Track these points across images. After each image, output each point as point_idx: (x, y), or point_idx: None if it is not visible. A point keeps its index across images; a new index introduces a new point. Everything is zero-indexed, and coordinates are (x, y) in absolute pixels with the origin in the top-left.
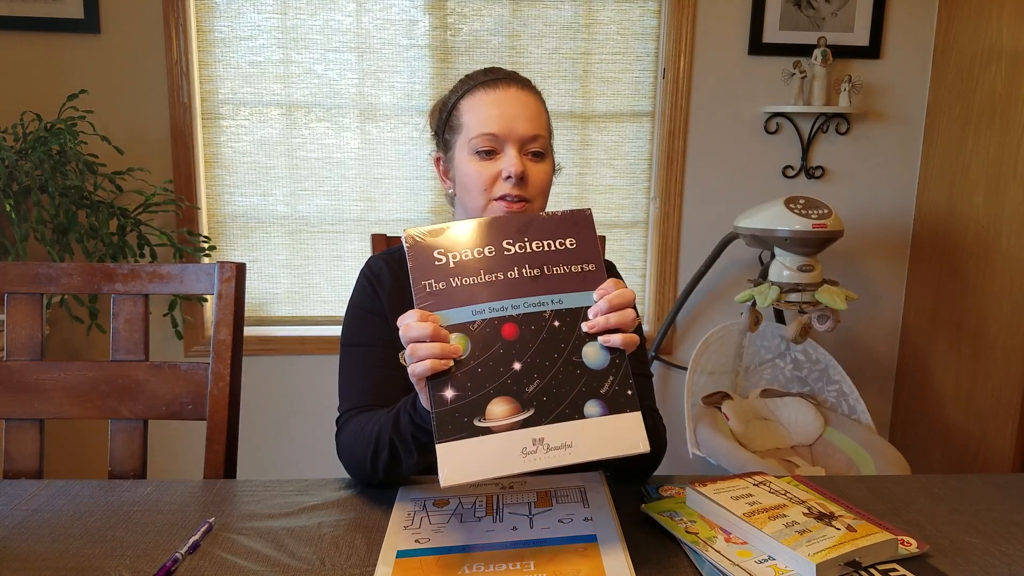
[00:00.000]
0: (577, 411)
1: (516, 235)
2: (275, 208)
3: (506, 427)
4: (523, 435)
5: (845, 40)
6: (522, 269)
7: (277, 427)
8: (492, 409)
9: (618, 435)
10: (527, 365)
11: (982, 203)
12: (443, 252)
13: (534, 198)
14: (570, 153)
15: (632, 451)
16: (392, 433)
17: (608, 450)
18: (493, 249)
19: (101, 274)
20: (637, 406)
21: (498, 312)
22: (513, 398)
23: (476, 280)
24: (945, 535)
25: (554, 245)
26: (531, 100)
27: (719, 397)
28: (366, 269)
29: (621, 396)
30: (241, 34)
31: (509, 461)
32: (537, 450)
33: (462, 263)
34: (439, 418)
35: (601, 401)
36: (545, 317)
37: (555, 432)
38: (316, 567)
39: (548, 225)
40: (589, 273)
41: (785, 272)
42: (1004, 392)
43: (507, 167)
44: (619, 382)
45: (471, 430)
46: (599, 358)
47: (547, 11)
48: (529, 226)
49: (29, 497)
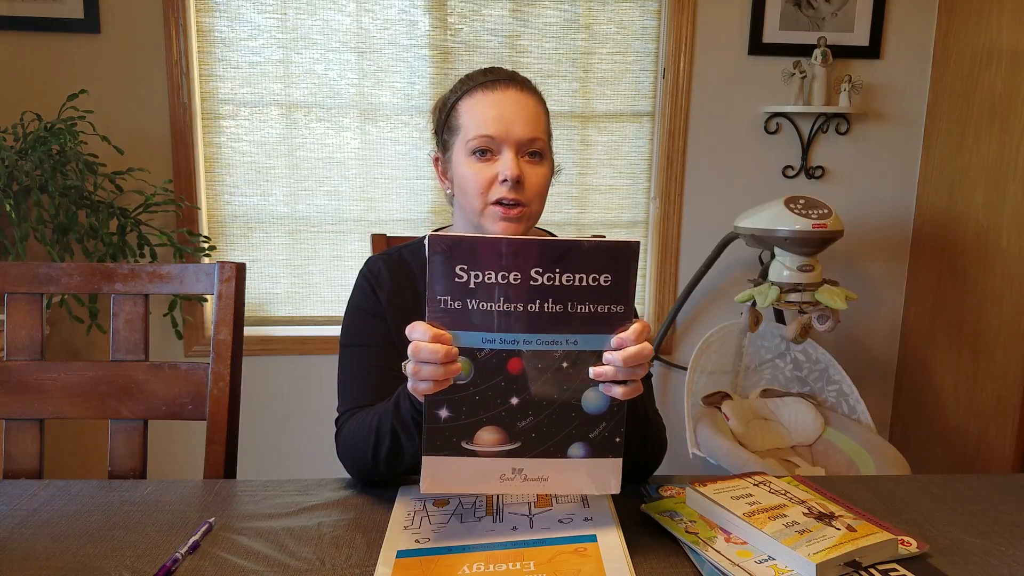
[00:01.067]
0: (561, 451)
1: (549, 265)
2: (275, 208)
3: (491, 454)
4: (504, 463)
5: (845, 40)
6: (544, 303)
7: (277, 427)
8: (481, 436)
9: (594, 477)
10: (524, 401)
11: (982, 203)
12: (466, 270)
13: (531, 201)
14: (570, 153)
15: (603, 492)
16: (393, 419)
17: (580, 488)
18: (519, 276)
19: (101, 274)
20: (620, 452)
21: (508, 345)
22: (503, 429)
23: (493, 307)
24: (945, 535)
25: (586, 280)
26: (530, 102)
27: (719, 397)
28: (365, 270)
29: (608, 442)
30: (241, 34)
31: (486, 483)
32: (515, 478)
33: (483, 286)
34: (429, 433)
35: (587, 445)
36: (555, 357)
37: (535, 465)
38: (316, 567)
39: (587, 257)
40: (615, 315)
41: (785, 272)
42: (1004, 392)
43: (503, 170)
44: (610, 428)
45: (457, 450)
46: (598, 403)
47: (547, 11)
48: (566, 255)
49: (29, 497)
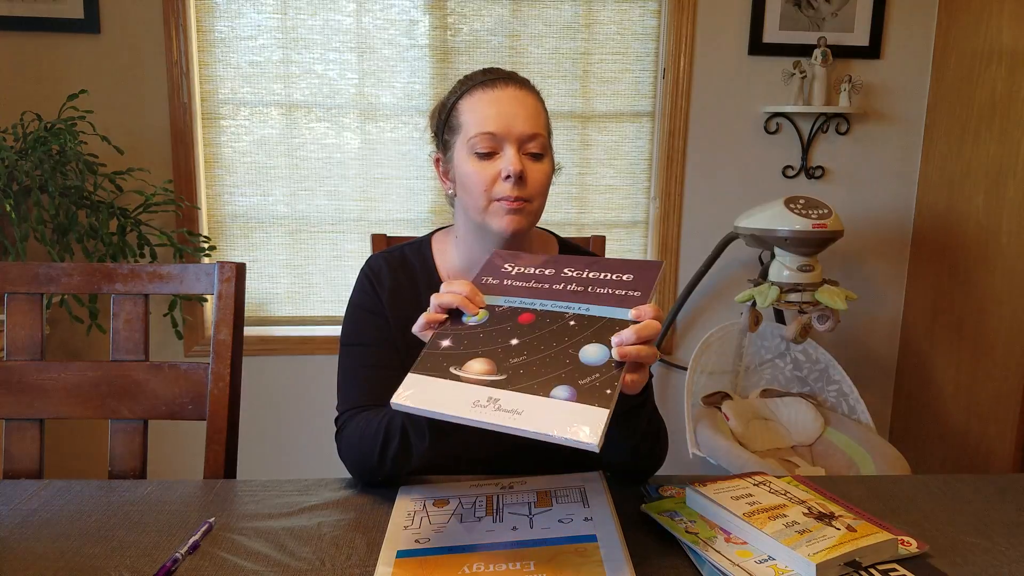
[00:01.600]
0: (544, 390)
1: (581, 266)
2: (275, 208)
3: (474, 381)
4: (482, 391)
5: (845, 40)
6: (568, 285)
7: (277, 427)
8: (471, 364)
9: (571, 421)
10: (523, 343)
11: (982, 203)
12: (512, 264)
13: (533, 198)
14: (570, 153)
15: (576, 442)
16: (404, 418)
17: (553, 429)
18: (553, 271)
19: (101, 274)
20: (609, 405)
21: (525, 305)
22: (494, 362)
23: (523, 285)
24: (945, 535)
25: (611, 276)
26: (529, 99)
27: (719, 397)
28: (366, 268)
29: (598, 392)
30: (241, 34)
31: (459, 406)
32: (488, 406)
33: (521, 274)
34: (424, 356)
35: (573, 388)
36: (564, 317)
37: (512, 398)
38: (316, 567)
39: (615, 264)
40: (630, 297)
41: (785, 272)
42: (1004, 392)
43: (506, 166)
44: (603, 380)
45: (444, 374)
46: (596, 355)
47: (547, 11)
48: (597, 263)
49: (29, 497)
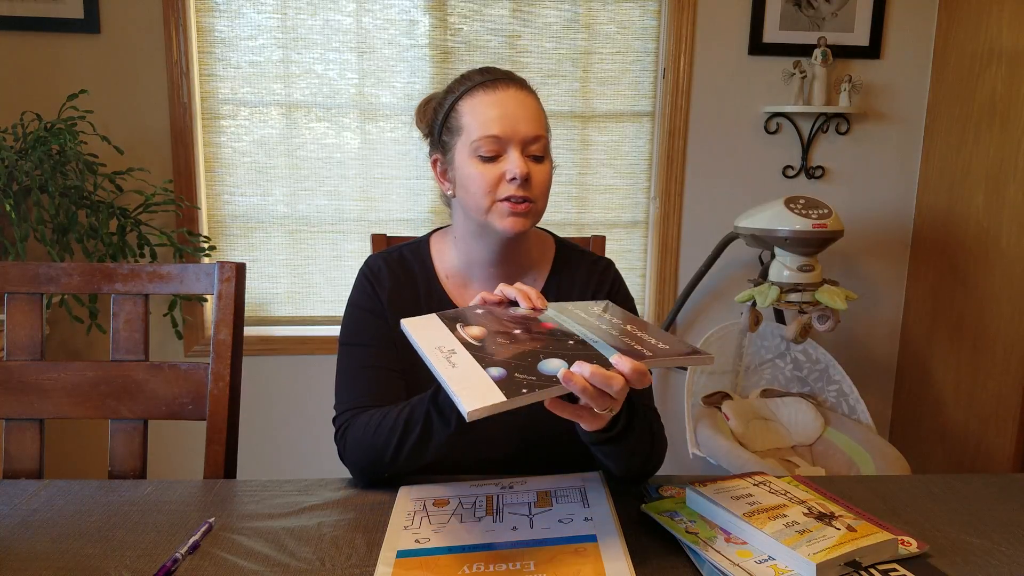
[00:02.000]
0: (488, 364)
1: (637, 327)
2: (275, 208)
3: (457, 337)
4: (453, 344)
5: (845, 40)
6: (612, 330)
7: (277, 427)
8: (471, 328)
9: (472, 389)
10: (519, 336)
11: (982, 203)
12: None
13: (537, 198)
14: (570, 153)
15: (458, 399)
16: (430, 405)
17: (453, 384)
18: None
19: (101, 274)
20: (510, 397)
21: (558, 324)
22: (486, 334)
23: (584, 316)
24: (945, 535)
25: (649, 339)
26: (530, 100)
27: (719, 397)
28: (365, 268)
29: (515, 385)
30: (241, 34)
31: (428, 345)
32: (443, 356)
33: (595, 314)
34: (457, 311)
35: (506, 373)
36: (574, 336)
37: (464, 359)
38: (316, 567)
39: (665, 337)
40: (635, 351)
41: (785, 272)
42: (1004, 392)
43: (511, 169)
44: (530, 383)
45: (450, 324)
46: (550, 368)
47: (547, 11)
48: (651, 331)
49: (29, 497)
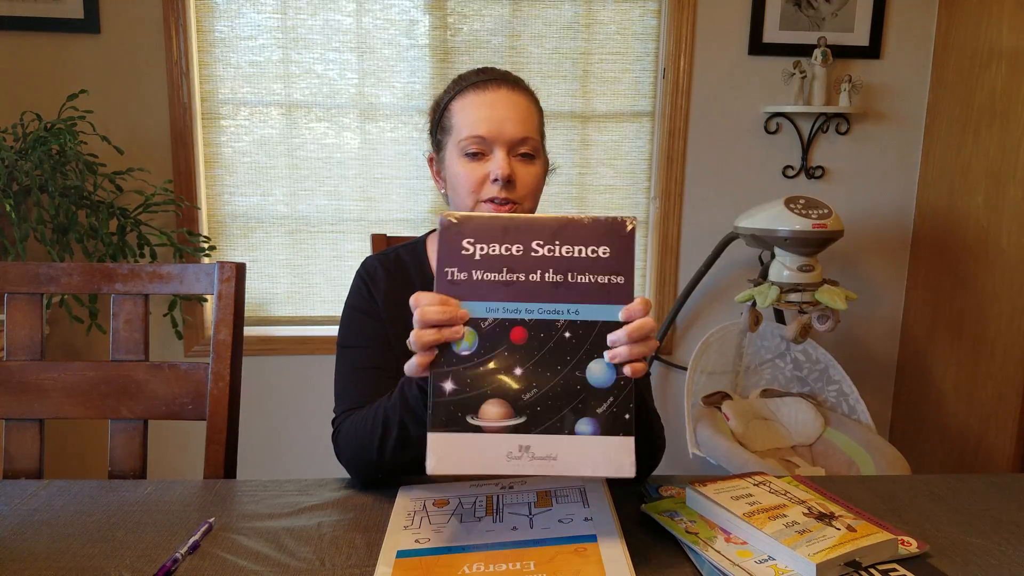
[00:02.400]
0: (568, 426)
1: (548, 237)
2: (275, 208)
3: (496, 429)
4: (511, 440)
5: (845, 40)
6: (545, 273)
7: (277, 427)
8: (486, 409)
9: (605, 457)
10: (528, 372)
11: (982, 203)
12: (472, 243)
13: (523, 200)
14: (570, 153)
15: (616, 475)
16: (401, 410)
17: (591, 469)
18: (521, 248)
19: (101, 274)
20: (632, 431)
21: (511, 314)
22: (508, 402)
23: (497, 277)
24: (945, 535)
25: (585, 252)
26: (521, 101)
27: (719, 397)
28: (361, 270)
29: (617, 419)
30: (241, 34)
31: (494, 462)
32: (522, 456)
33: (488, 257)
34: (435, 408)
35: (594, 420)
36: (557, 326)
37: (542, 443)
38: (316, 567)
39: (584, 231)
40: (615, 286)
41: (785, 272)
42: (1004, 392)
43: (494, 170)
44: (618, 404)
45: (463, 425)
46: (603, 376)
47: (547, 11)
48: (564, 229)
49: (29, 497)
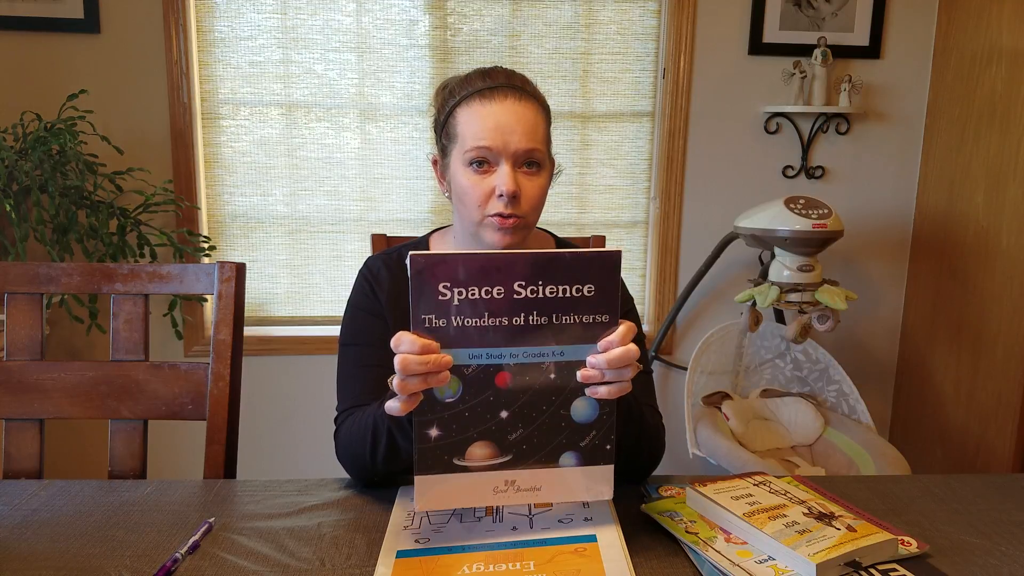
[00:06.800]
0: (552, 459)
1: (531, 277)
2: (275, 208)
3: (483, 468)
4: (497, 476)
5: (845, 40)
6: (529, 316)
7: (277, 427)
8: (473, 451)
9: (587, 484)
10: (514, 414)
11: (982, 203)
12: (448, 287)
13: (527, 214)
14: (570, 153)
15: (595, 499)
16: (390, 423)
17: (573, 496)
18: (502, 290)
19: (101, 274)
20: (611, 459)
21: (495, 359)
22: (494, 443)
23: (478, 323)
24: (945, 535)
25: (570, 291)
26: (528, 111)
27: (719, 397)
28: (364, 269)
29: (599, 450)
30: (241, 34)
31: (480, 496)
32: (508, 490)
33: (467, 301)
34: (420, 453)
35: (577, 453)
36: (542, 368)
37: (528, 476)
38: (316, 567)
39: (569, 268)
40: (600, 324)
41: (785, 272)
42: (1004, 392)
43: (499, 185)
44: (600, 436)
45: (449, 467)
46: (586, 412)
47: (547, 11)
48: (548, 267)
49: (29, 497)
